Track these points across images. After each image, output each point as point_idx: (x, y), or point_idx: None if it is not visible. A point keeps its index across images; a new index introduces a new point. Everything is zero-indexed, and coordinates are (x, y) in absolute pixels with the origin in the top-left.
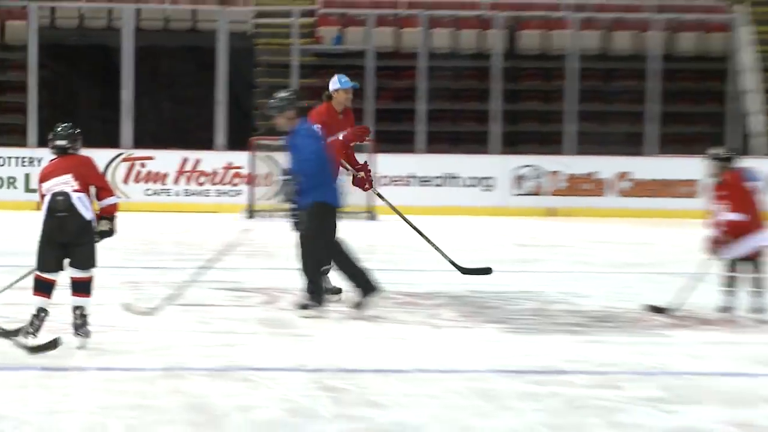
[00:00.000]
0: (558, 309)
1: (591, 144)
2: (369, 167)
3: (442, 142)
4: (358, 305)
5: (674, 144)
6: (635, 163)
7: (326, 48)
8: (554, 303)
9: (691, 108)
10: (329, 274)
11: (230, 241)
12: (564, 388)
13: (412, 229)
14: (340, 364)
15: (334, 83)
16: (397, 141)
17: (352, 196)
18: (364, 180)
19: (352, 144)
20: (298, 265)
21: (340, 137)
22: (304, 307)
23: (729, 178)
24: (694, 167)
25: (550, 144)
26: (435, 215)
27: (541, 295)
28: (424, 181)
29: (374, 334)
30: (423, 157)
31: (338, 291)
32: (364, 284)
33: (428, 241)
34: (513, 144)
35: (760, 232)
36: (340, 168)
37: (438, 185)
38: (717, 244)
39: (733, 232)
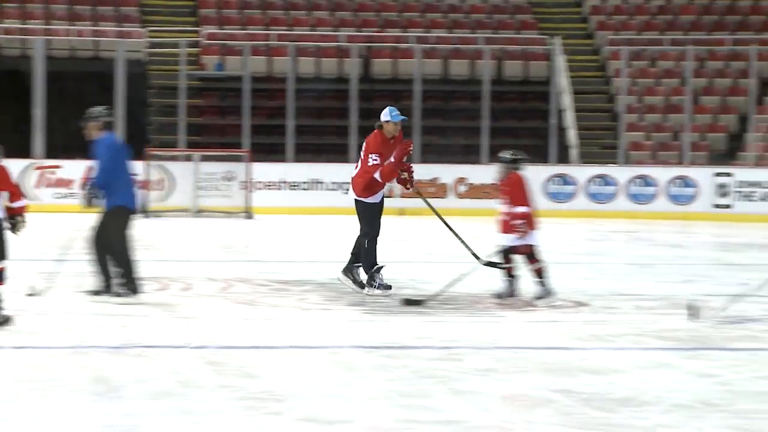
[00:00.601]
0: (407, 293)
1: (434, 154)
2: (412, 169)
3: (307, 152)
4: (119, 294)
5: None
6: (471, 170)
7: (209, 73)
8: (404, 288)
9: (517, 124)
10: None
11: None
12: (413, 360)
13: (444, 225)
14: (221, 342)
15: (385, 115)
16: (270, 152)
17: (231, 198)
18: (407, 180)
19: (403, 159)
20: (112, 258)
21: (392, 159)
22: (97, 293)
23: (513, 177)
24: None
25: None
26: (303, 215)
27: (392, 281)
28: (293, 186)
29: (250, 316)
30: (292, 166)
31: (388, 287)
32: (132, 280)
33: (456, 235)
34: None
35: (534, 229)
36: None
37: (305, 189)
38: (515, 232)
39: (519, 224)
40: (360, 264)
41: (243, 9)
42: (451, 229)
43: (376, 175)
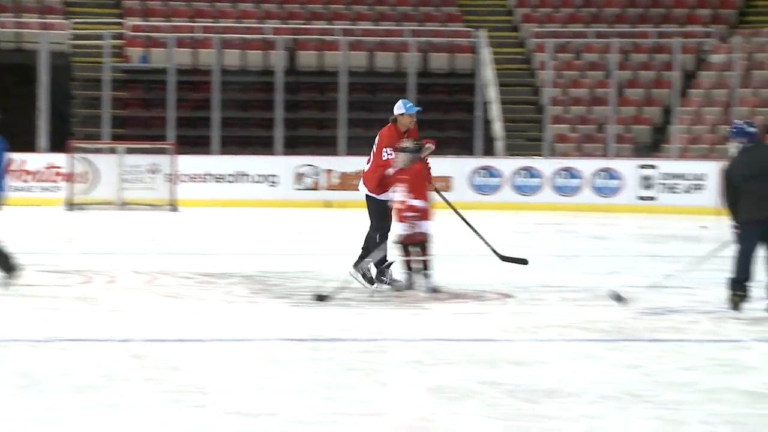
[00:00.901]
0: (333, 286)
1: (360, 146)
2: (429, 165)
3: (233, 145)
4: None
5: None
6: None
7: (134, 65)
8: (330, 281)
9: (443, 116)
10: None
11: (52, 231)
12: (339, 353)
13: (463, 222)
14: (146, 335)
15: (399, 108)
16: (195, 144)
17: (155, 191)
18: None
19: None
20: None
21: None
22: None
23: (416, 168)
24: (446, 165)
25: (325, 146)
26: (228, 208)
27: (320, 274)
28: (219, 179)
29: (175, 309)
30: (217, 158)
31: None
32: (9, 266)
33: (476, 232)
34: (294, 146)
35: (429, 219)
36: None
37: (230, 182)
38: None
39: (412, 216)
40: (370, 260)
41: (168, 1)
42: (470, 225)
43: (390, 171)
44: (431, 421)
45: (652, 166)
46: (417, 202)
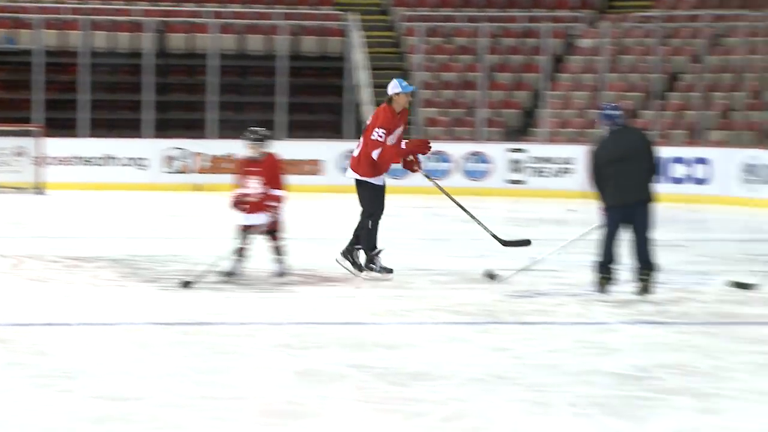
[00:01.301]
0: (202, 270)
1: (230, 129)
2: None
3: (102, 127)
4: None
5: (300, 129)
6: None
7: None
8: (199, 264)
9: (313, 99)
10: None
11: None
12: (208, 337)
13: (458, 207)
14: (12, 319)
15: (395, 87)
16: (63, 127)
17: (21, 174)
18: (413, 162)
19: (415, 154)
20: None
21: (403, 146)
22: None
23: (270, 159)
24: (316, 149)
25: (195, 129)
26: (97, 191)
27: (188, 258)
28: (87, 162)
29: (42, 293)
30: (85, 141)
31: (390, 270)
32: None
33: (473, 217)
34: (163, 129)
35: (279, 206)
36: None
37: (99, 165)
38: (245, 211)
39: (261, 205)
40: (360, 246)
41: None
42: (467, 211)
43: (374, 154)
44: (300, 405)
45: (521, 150)
46: (276, 192)
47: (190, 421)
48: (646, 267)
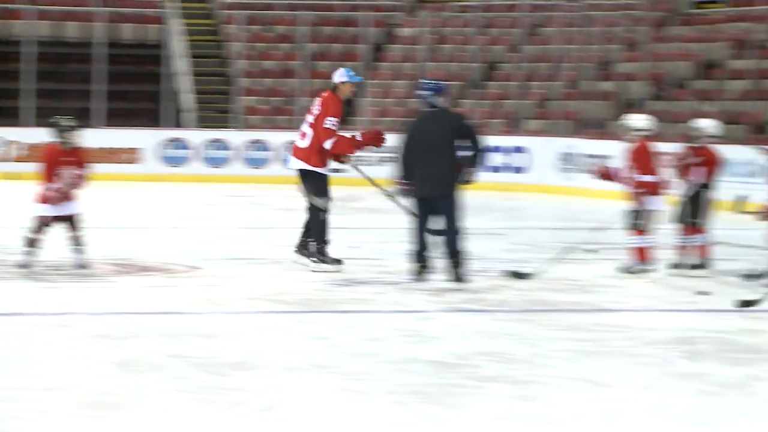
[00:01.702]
0: (16, 259)
1: (47, 117)
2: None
3: None
4: None
5: (118, 117)
6: (85, 134)
7: None
8: (12, 254)
9: (132, 87)
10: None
11: None
12: (22, 327)
13: (389, 197)
14: None
15: (341, 75)
16: None
17: None
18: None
19: (368, 146)
20: None
21: (358, 137)
22: None
23: (77, 146)
24: (135, 137)
25: (10, 117)
26: None
27: (2, 247)
28: None
29: None
30: None
31: (339, 261)
32: None
33: (405, 209)
34: None
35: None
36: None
37: None
38: (54, 202)
39: (70, 195)
40: (312, 239)
41: None
42: (398, 203)
43: (327, 144)
44: (118, 396)
45: None
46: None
47: (4, 413)
48: (454, 256)
